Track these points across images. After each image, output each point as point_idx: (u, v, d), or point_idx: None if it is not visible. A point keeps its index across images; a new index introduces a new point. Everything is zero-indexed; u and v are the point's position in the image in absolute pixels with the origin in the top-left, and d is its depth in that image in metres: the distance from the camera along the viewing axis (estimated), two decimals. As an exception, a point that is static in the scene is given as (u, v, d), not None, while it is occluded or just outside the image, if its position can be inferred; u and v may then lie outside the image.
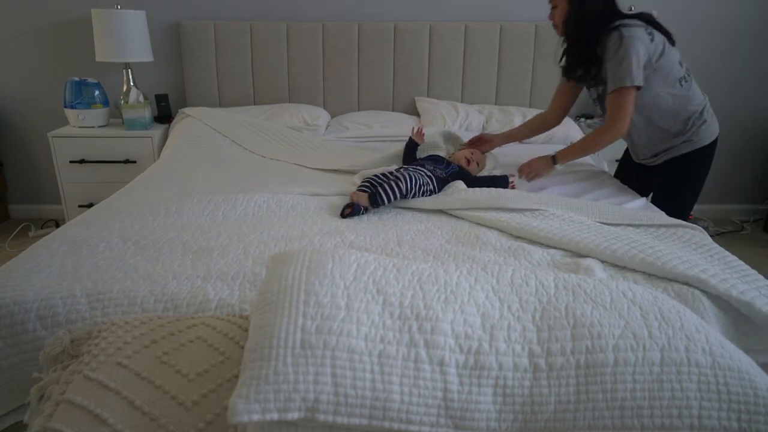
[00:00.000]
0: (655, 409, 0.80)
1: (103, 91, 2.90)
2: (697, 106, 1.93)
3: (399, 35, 2.99)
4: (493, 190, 1.89)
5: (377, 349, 0.80)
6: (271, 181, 2.13)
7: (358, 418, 0.76)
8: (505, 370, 0.81)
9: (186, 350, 0.95)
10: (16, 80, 3.09)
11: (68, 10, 2.97)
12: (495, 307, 0.90)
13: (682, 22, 3.10)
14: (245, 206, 1.81)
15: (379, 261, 0.97)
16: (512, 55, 3.03)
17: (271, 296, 0.86)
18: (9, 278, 1.31)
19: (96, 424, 0.82)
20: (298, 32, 2.96)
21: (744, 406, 0.82)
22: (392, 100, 3.11)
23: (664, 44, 1.84)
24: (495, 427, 0.79)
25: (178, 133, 2.71)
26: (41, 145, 3.21)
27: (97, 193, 2.80)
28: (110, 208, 1.78)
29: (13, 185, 3.32)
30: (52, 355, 1.01)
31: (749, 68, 3.21)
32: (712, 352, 0.84)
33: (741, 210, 3.49)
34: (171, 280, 1.32)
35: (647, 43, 1.79)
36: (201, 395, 0.88)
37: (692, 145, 1.95)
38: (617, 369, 0.82)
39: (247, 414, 0.72)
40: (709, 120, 1.95)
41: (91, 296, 1.24)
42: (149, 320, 1.04)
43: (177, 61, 3.09)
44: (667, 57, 1.83)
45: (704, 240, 1.55)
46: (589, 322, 0.86)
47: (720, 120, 3.25)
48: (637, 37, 1.77)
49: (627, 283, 0.98)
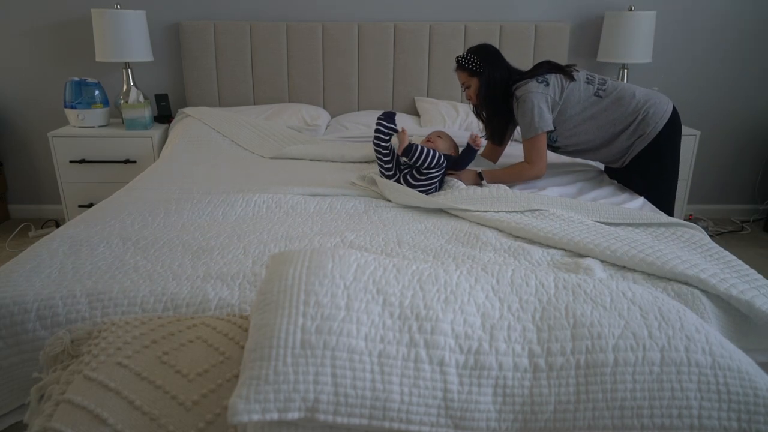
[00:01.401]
0: (655, 409, 0.80)
1: (103, 91, 2.90)
2: (629, 103, 2.00)
3: (399, 35, 2.99)
4: (494, 188, 1.89)
5: (377, 349, 0.80)
6: (270, 181, 2.13)
7: (358, 418, 0.76)
8: (505, 370, 0.81)
9: (186, 350, 0.95)
10: (16, 80, 3.09)
11: (68, 10, 2.97)
12: (495, 307, 0.90)
13: (682, 22, 3.10)
14: (245, 206, 1.81)
15: (379, 261, 0.97)
16: (512, 55, 3.01)
17: (271, 296, 0.86)
18: (9, 278, 1.31)
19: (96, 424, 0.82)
20: (298, 32, 2.96)
21: (744, 406, 0.82)
22: (392, 100, 3.11)
23: (562, 81, 2.01)
24: (495, 427, 0.80)
25: (178, 133, 2.71)
26: (41, 145, 3.21)
27: (97, 193, 2.80)
28: (110, 208, 1.78)
29: (13, 185, 3.32)
30: (52, 355, 1.01)
31: (749, 68, 3.21)
32: (712, 352, 0.84)
33: (741, 210, 3.49)
34: (171, 280, 1.32)
35: (543, 90, 1.98)
36: (201, 395, 0.88)
37: (646, 138, 2.01)
38: (617, 369, 0.82)
39: (247, 414, 0.72)
40: (651, 107, 2.00)
41: (91, 296, 1.24)
42: (149, 320, 1.04)
43: (177, 61, 3.09)
44: (569, 89, 2.01)
45: (703, 240, 1.55)
46: (589, 322, 0.86)
47: (720, 120, 3.29)
48: (530, 90, 1.97)
49: (627, 283, 0.98)
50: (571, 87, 2.01)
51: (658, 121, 2.00)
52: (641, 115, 2.00)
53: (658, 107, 2.01)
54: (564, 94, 2.00)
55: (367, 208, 1.85)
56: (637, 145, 2.03)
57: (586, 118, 2.03)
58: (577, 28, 3.10)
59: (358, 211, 1.82)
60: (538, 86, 1.97)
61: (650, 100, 2.02)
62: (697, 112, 3.27)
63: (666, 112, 2.02)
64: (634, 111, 2.00)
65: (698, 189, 3.43)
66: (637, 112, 2.00)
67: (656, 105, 2.01)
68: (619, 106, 2.01)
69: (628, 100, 2.01)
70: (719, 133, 3.33)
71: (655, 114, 2.00)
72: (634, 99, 2.01)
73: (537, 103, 1.95)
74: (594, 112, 2.02)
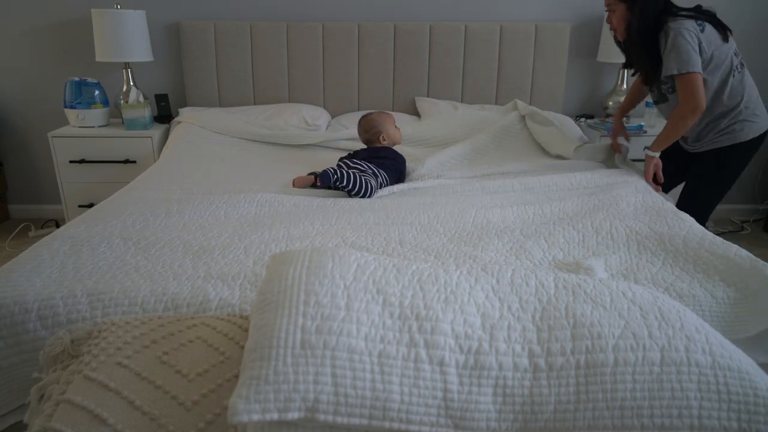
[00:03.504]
0: (655, 409, 0.80)
1: (103, 91, 2.90)
2: (745, 99, 1.99)
3: (399, 35, 2.99)
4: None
5: (377, 349, 0.80)
6: (272, 181, 2.13)
7: (358, 418, 0.76)
8: (505, 370, 0.81)
9: (186, 350, 0.95)
10: (16, 80, 3.09)
11: (68, 10, 2.97)
12: (495, 307, 0.90)
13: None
14: (246, 206, 1.81)
15: (379, 261, 0.97)
16: (512, 55, 3.03)
17: (271, 296, 0.86)
18: (9, 278, 1.31)
19: (96, 424, 0.82)
20: (298, 32, 2.96)
21: (744, 406, 0.82)
22: (392, 100, 3.11)
23: (717, 37, 1.93)
24: (495, 427, 0.80)
25: (179, 132, 2.71)
26: (41, 145, 3.21)
27: (97, 193, 2.80)
28: (111, 208, 1.78)
29: (13, 185, 3.32)
30: (52, 355, 1.01)
31: (749, 68, 3.20)
32: (712, 352, 0.84)
33: (741, 210, 3.49)
34: (171, 280, 1.32)
35: (698, 33, 1.89)
36: (201, 395, 0.88)
37: (733, 138, 2.01)
38: (617, 369, 0.82)
39: (247, 414, 0.72)
40: (755, 116, 2.01)
41: (92, 296, 1.24)
42: (149, 320, 1.04)
43: (177, 61, 3.09)
44: (718, 47, 1.92)
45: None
46: (589, 322, 0.86)
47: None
48: (687, 27, 1.87)
49: (627, 283, 0.98)
50: (720, 49, 1.93)
51: (752, 130, 2.01)
52: (745, 114, 2.00)
53: (760, 120, 2.03)
54: (711, 50, 1.92)
55: (369, 207, 1.85)
56: (720, 141, 2.03)
57: (713, 85, 1.97)
58: (577, 28, 3.10)
59: (361, 210, 1.82)
60: (696, 27, 1.89)
61: (759, 108, 2.03)
62: (697, 112, 3.27)
63: (762, 129, 2.04)
64: (745, 107, 1.99)
65: (698, 189, 3.42)
66: (746, 109, 2.00)
67: (760, 117, 2.03)
68: (737, 94, 1.98)
69: (747, 95, 2.00)
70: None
71: (755, 123, 2.02)
72: (751, 97, 2.01)
73: (690, 42, 1.86)
74: (719, 85, 1.97)
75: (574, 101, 3.27)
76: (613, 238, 1.58)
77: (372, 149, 2.25)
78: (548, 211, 1.79)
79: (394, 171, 2.16)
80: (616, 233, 1.60)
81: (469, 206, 1.84)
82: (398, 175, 2.19)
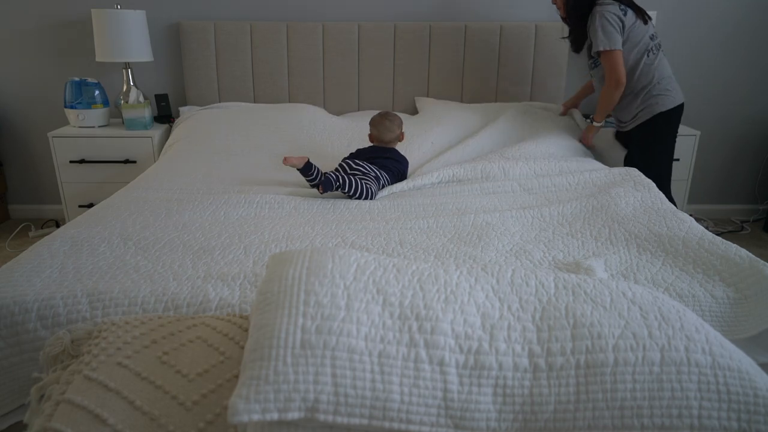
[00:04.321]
0: (655, 409, 0.80)
1: (103, 91, 2.90)
2: (656, 76, 2.35)
3: (399, 35, 2.99)
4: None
5: (377, 349, 0.80)
6: (272, 181, 2.13)
7: (358, 418, 0.76)
8: (505, 370, 0.81)
9: (186, 350, 0.95)
10: (16, 80, 3.09)
11: (68, 10, 2.97)
12: (495, 307, 0.90)
13: (683, 22, 3.10)
14: (246, 206, 1.81)
15: (378, 261, 0.97)
16: (512, 55, 3.03)
17: (271, 296, 0.86)
18: (10, 278, 1.31)
19: (96, 424, 0.82)
20: (298, 32, 2.96)
21: (744, 406, 0.82)
22: (392, 100, 3.11)
23: (635, 18, 2.31)
24: (495, 427, 0.80)
25: (179, 133, 2.71)
26: (41, 145, 3.21)
27: (97, 193, 2.80)
28: (111, 208, 1.78)
29: (13, 185, 3.32)
30: (52, 355, 1.01)
31: (748, 67, 3.21)
32: (712, 352, 0.84)
33: (741, 210, 3.49)
34: (171, 280, 1.32)
35: (621, 16, 2.28)
36: (201, 395, 0.88)
37: (651, 110, 2.36)
38: (617, 369, 0.82)
39: (247, 414, 0.73)
40: (671, 90, 2.37)
41: (92, 296, 1.24)
42: (149, 320, 1.04)
43: (177, 61, 3.09)
44: (637, 28, 2.30)
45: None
46: (589, 322, 0.86)
47: (719, 119, 3.30)
48: (610, 11, 2.26)
49: (627, 283, 0.98)
50: (639, 29, 2.30)
51: (671, 102, 2.35)
52: (656, 91, 2.34)
53: (674, 93, 2.37)
54: (632, 31, 2.29)
55: (369, 208, 1.85)
56: (641, 116, 2.38)
57: (628, 62, 2.32)
58: (577, 28, 3.10)
59: (361, 211, 1.82)
60: (618, 10, 2.27)
61: (671, 84, 2.37)
62: (697, 112, 3.27)
63: (677, 100, 2.37)
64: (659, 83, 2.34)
65: (698, 189, 3.43)
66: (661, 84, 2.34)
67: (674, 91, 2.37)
68: (649, 71, 2.34)
69: (660, 71, 2.35)
70: (719, 133, 3.33)
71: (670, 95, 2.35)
72: (663, 75, 2.35)
73: (611, 22, 2.24)
74: (634, 63, 2.33)
75: (574, 101, 3.27)
76: (612, 243, 1.59)
77: (379, 148, 2.24)
78: (547, 214, 1.78)
79: (396, 172, 2.17)
80: (615, 239, 1.60)
81: (468, 208, 1.84)
82: (400, 177, 2.21)
